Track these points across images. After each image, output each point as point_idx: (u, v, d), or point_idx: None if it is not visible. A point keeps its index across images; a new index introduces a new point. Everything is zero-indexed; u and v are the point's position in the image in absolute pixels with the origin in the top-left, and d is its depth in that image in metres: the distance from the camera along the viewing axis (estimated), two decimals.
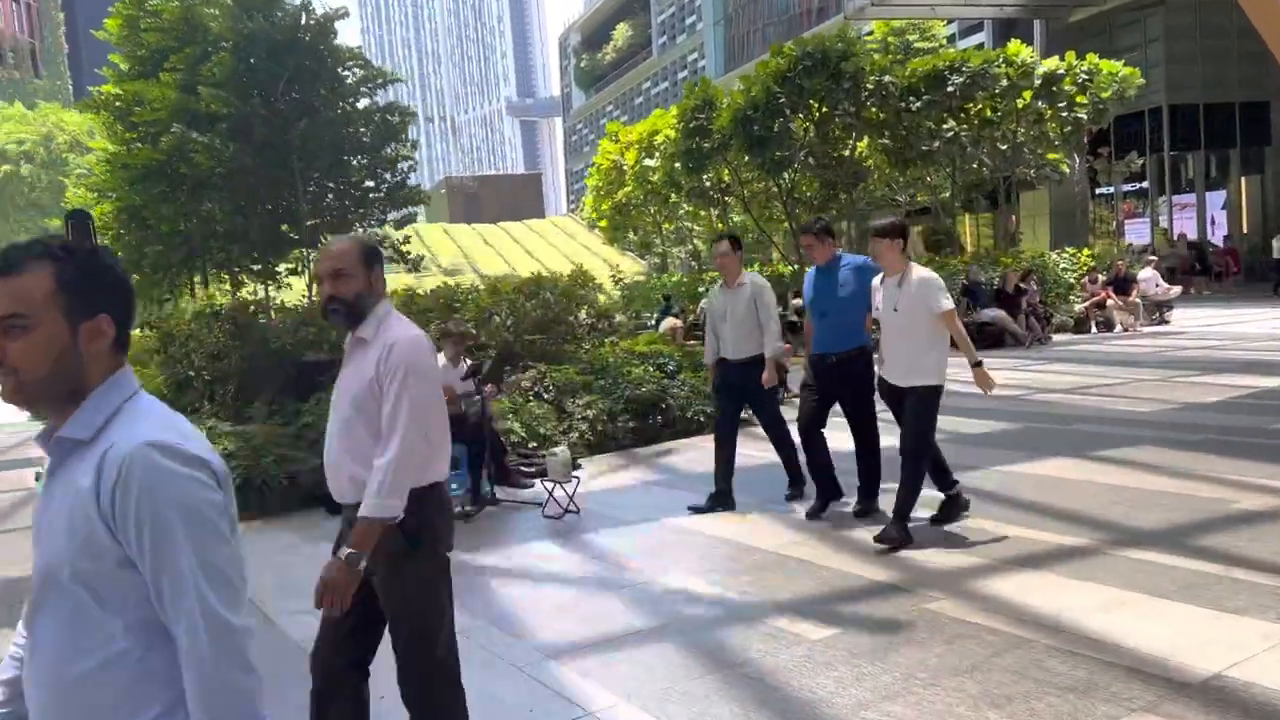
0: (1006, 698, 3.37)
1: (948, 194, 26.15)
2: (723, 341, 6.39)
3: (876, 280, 5.51)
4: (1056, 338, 17.62)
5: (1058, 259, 21.41)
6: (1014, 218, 27.05)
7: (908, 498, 5.22)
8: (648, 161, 29.64)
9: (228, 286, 18.02)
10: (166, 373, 10.27)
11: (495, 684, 3.84)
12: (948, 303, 5.22)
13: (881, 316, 5.43)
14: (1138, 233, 32.42)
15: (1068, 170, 25.03)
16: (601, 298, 18.73)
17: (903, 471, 5.27)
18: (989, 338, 16.45)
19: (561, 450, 6.71)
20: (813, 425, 6.03)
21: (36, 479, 8.12)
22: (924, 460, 5.28)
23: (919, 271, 5.30)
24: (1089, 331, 18.52)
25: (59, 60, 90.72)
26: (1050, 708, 3.27)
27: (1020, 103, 22.34)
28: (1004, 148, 23.38)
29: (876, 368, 5.56)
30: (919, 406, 5.25)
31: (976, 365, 5.29)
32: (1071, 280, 20.84)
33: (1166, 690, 3.34)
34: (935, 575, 4.76)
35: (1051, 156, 24.25)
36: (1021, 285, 17.13)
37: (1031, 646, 3.80)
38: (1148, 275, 19.72)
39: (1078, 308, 19.18)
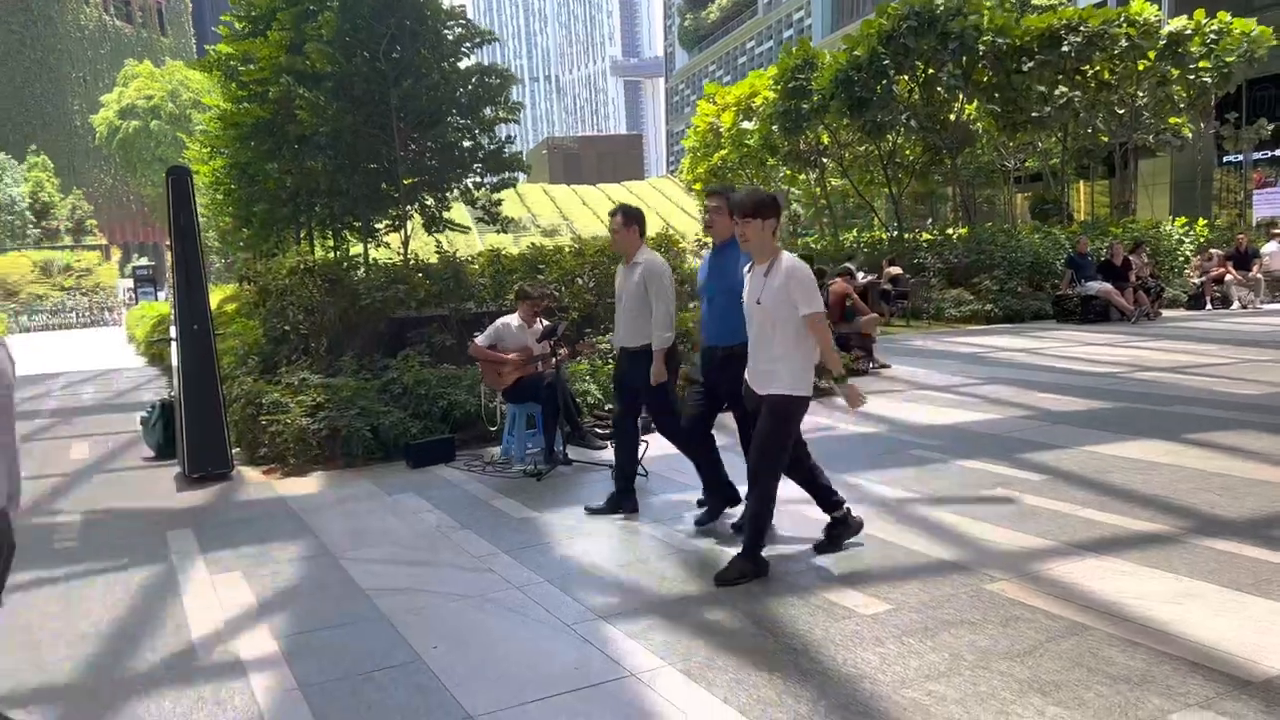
0: (1055, 684, 3.28)
1: (1058, 160, 25.11)
2: (618, 325, 5.86)
3: (746, 268, 4.73)
4: (1167, 313, 16.85)
5: (1172, 230, 20.39)
6: (1130, 186, 25.83)
7: (754, 527, 4.56)
8: (744, 124, 29.25)
9: (330, 243, 18.59)
10: (267, 326, 10.67)
11: (546, 641, 3.93)
12: (814, 304, 4.40)
13: (746, 310, 4.67)
14: (1270, 203, 30.56)
15: (1190, 136, 23.72)
16: (696, 261, 18.65)
17: (749, 495, 4.65)
18: (1094, 312, 15.85)
19: None
20: (695, 427, 5.44)
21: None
22: (772, 482, 4.55)
23: (789, 261, 4.47)
24: (1204, 308, 17.65)
25: (183, 19, 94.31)
26: (1099, 697, 3.17)
27: (1142, 65, 21.23)
28: (1121, 112, 22.28)
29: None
30: (770, 420, 4.49)
31: (841, 380, 4.47)
32: (1188, 253, 19.87)
33: (1227, 686, 3.21)
34: (1000, 556, 4.64)
35: (1173, 121, 23.02)
36: (1130, 257, 16.39)
37: (1090, 634, 3.69)
38: (1273, 249, 18.65)
39: (1192, 282, 18.27)
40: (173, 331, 7.61)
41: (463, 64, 14.84)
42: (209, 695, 3.57)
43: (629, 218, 5.72)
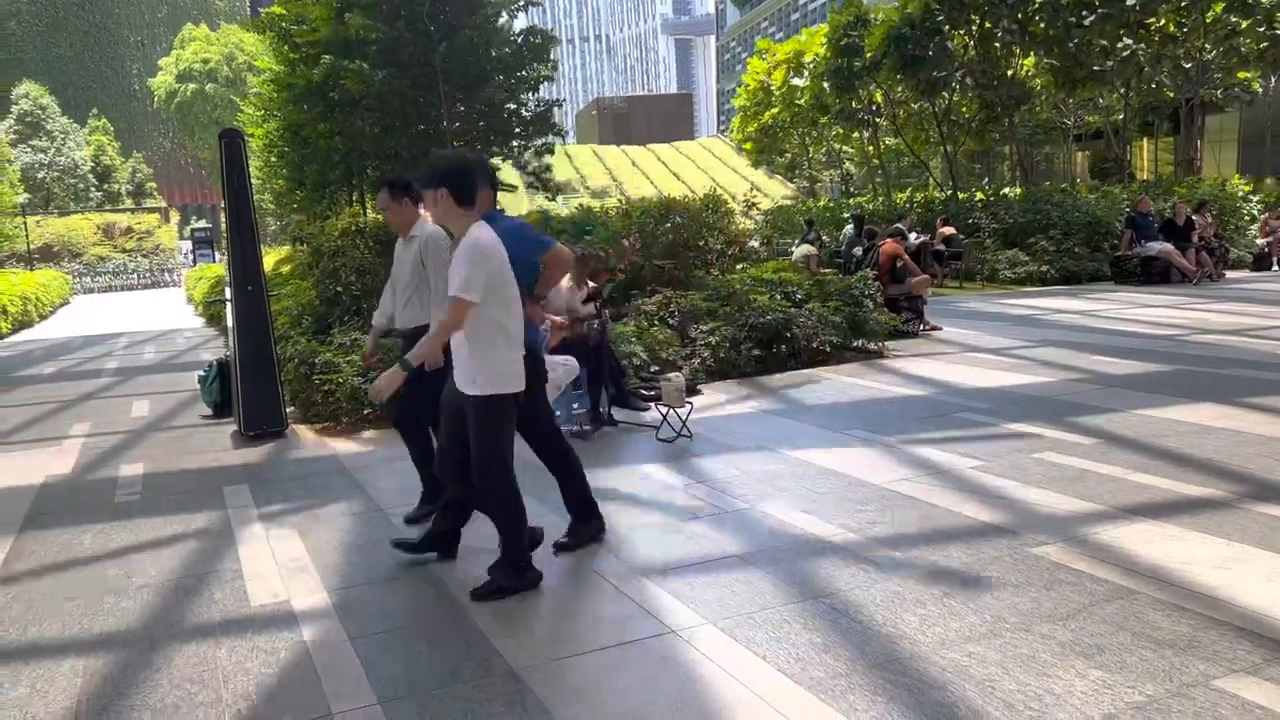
0: (1098, 648, 3.26)
1: (1120, 117, 24.39)
2: (395, 305, 5.24)
3: None
4: (1231, 275, 16.39)
5: (1239, 189, 19.74)
6: (1198, 143, 25.00)
7: (503, 537, 4.06)
8: (795, 81, 28.81)
9: None
10: (320, 287, 10.83)
11: (587, 597, 3.99)
12: (461, 291, 3.74)
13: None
14: None
15: (1260, 91, 22.87)
16: (747, 223, 18.53)
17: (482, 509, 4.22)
18: (1154, 273, 15.46)
19: (675, 376, 6.77)
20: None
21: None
22: (495, 490, 3.99)
23: (471, 236, 3.85)
24: (1269, 269, 17.13)
25: None
26: (1143, 662, 3.15)
27: (1209, 16, 20.46)
28: (1188, 66, 21.54)
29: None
30: (473, 424, 3.96)
31: (403, 364, 3.93)
32: (1255, 212, 19.25)
33: (1275, 653, 3.16)
34: (1046, 519, 4.60)
35: (1243, 75, 22.21)
36: (1194, 217, 15.91)
37: (1135, 598, 3.65)
38: None
39: (1258, 242, 17.72)
40: (228, 293, 7.77)
41: (502, 21, 14.82)
42: (263, 645, 3.69)
43: (395, 189, 4.99)
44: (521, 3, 14.56)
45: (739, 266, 11.64)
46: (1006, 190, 23.04)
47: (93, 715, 3.21)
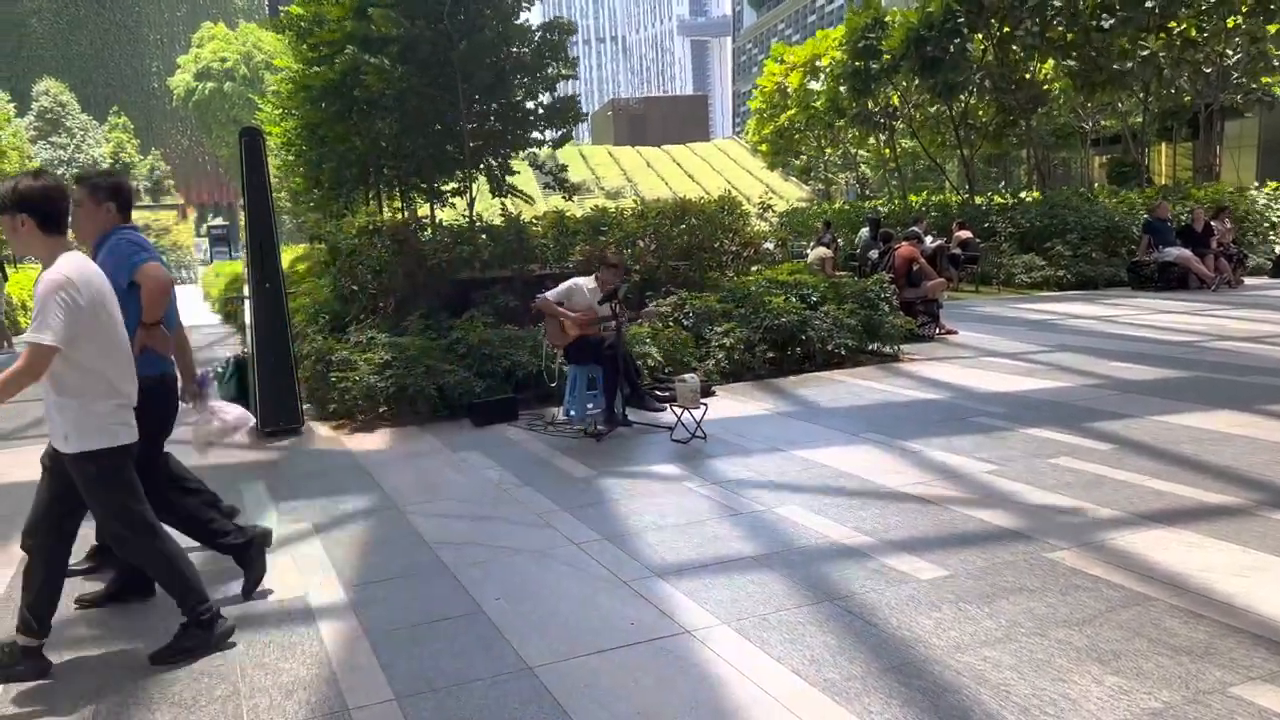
0: (1114, 654, 3.25)
1: (1139, 120, 24.25)
2: None
3: None
4: (1250, 281, 16.26)
5: (1258, 195, 19.61)
6: (1217, 149, 24.82)
7: (170, 594, 3.68)
8: (811, 84, 28.78)
9: (398, 204, 18.87)
10: (336, 285, 10.90)
11: (602, 596, 4.00)
12: (40, 328, 3.22)
13: None
14: None
15: None
16: (762, 226, 18.54)
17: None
18: (1171, 279, 15.36)
19: (690, 378, 6.77)
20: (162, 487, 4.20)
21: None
22: (132, 550, 3.65)
23: (57, 269, 3.33)
24: None
25: None
26: (1159, 668, 3.14)
27: (1232, 21, 20.33)
28: (1208, 71, 21.40)
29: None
30: (79, 486, 3.47)
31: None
32: (1274, 218, 19.12)
33: None
34: (1061, 525, 4.59)
35: (1265, 80, 22.06)
36: (1212, 223, 15.81)
37: (1152, 605, 3.64)
38: None
39: (1277, 249, 17.60)
40: (246, 290, 7.82)
41: (522, 19, 14.84)
42: (280, 640, 3.72)
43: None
44: None
45: (754, 268, 11.64)
46: (1024, 194, 22.95)
47: (111, 710, 3.24)
